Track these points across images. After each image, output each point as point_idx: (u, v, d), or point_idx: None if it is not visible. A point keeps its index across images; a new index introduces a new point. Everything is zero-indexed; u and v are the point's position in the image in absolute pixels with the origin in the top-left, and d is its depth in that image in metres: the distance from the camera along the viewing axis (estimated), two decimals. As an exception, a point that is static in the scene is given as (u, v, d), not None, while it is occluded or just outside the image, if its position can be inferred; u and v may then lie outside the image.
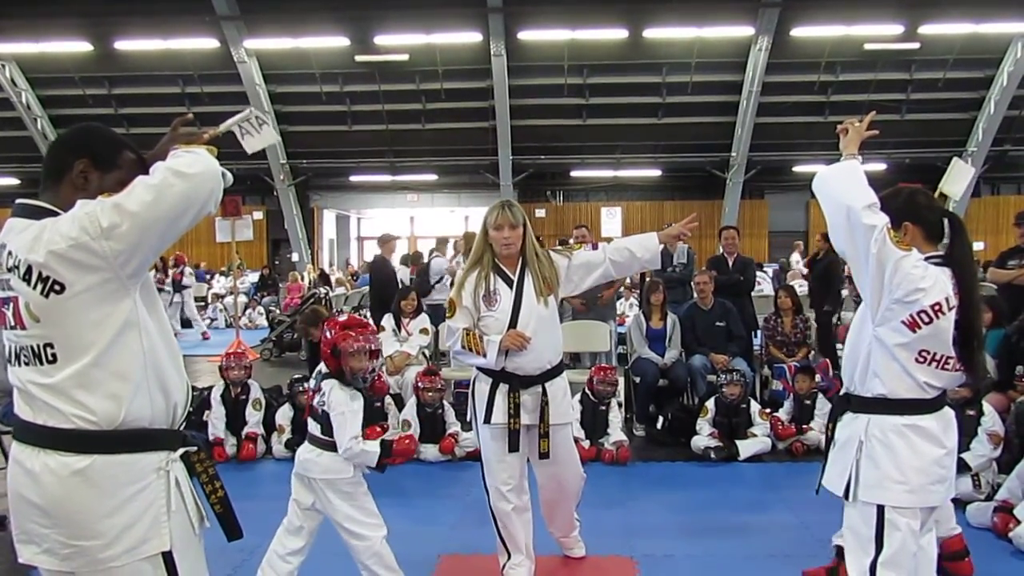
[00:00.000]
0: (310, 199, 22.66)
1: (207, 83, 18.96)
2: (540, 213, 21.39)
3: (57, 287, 1.80)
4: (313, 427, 3.31)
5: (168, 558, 1.89)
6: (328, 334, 3.29)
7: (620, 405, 6.29)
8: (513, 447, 3.46)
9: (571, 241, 7.90)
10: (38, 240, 1.81)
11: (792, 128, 19.57)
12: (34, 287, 1.80)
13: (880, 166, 20.08)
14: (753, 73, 18.11)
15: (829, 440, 2.64)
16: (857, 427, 2.46)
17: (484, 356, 3.43)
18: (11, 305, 1.86)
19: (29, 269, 1.80)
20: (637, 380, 6.64)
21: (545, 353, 3.51)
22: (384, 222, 23.65)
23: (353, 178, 21.95)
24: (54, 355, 1.83)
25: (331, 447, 3.23)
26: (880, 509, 2.38)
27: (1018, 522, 4.03)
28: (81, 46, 17.98)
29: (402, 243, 21.52)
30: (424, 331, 7.13)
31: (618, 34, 17.57)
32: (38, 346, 1.84)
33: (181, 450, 1.96)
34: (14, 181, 21.87)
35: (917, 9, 16.73)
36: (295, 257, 21.55)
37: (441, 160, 20.66)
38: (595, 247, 3.62)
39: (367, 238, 24.72)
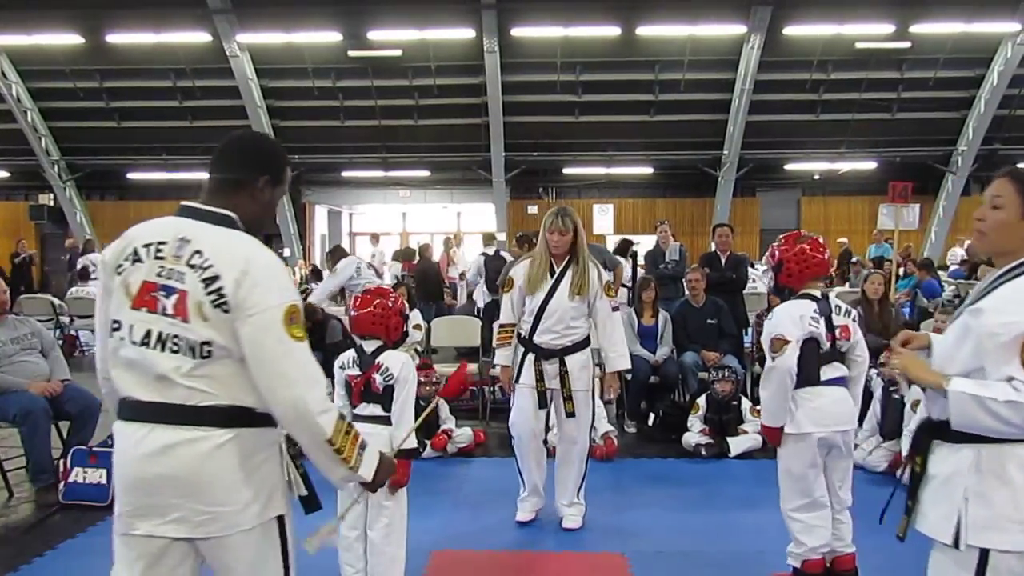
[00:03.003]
0: (302, 194, 22.54)
1: (199, 77, 18.84)
2: (532, 210, 21.31)
3: (226, 307, 1.94)
4: (370, 408, 3.33)
5: (280, 521, 2.08)
6: (389, 304, 3.38)
7: (609, 401, 6.30)
8: (542, 404, 4.29)
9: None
10: (235, 261, 1.95)
11: (784, 126, 19.60)
12: (208, 295, 1.94)
13: (871, 164, 20.18)
14: (745, 71, 18.11)
15: (918, 476, 2.21)
16: (961, 460, 2.08)
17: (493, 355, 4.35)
18: (176, 296, 1.96)
19: (215, 279, 1.94)
20: (628, 377, 6.66)
21: (564, 337, 4.26)
22: (376, 218, 23.61)
23: (345, 173, 21.85)
24: (210, 351, 1.96)
25: (388, 422, 3.29)
26: (984, 553, 2.02)
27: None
28: (72, 39, 17.81)
29: (393, 239, 21.56)
30: (417, 327, 7.14)
31: (611, 31, 17.54)
32: (197, 342, 1.96)
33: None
34: (4, 174, 21.72)
35: (908, 8, 16.77)
36: (287, 252, 21.46)
37: (434, 156, 20.58)
38: (616, 308, 4.42)
39: (359, 234, 24.63)
